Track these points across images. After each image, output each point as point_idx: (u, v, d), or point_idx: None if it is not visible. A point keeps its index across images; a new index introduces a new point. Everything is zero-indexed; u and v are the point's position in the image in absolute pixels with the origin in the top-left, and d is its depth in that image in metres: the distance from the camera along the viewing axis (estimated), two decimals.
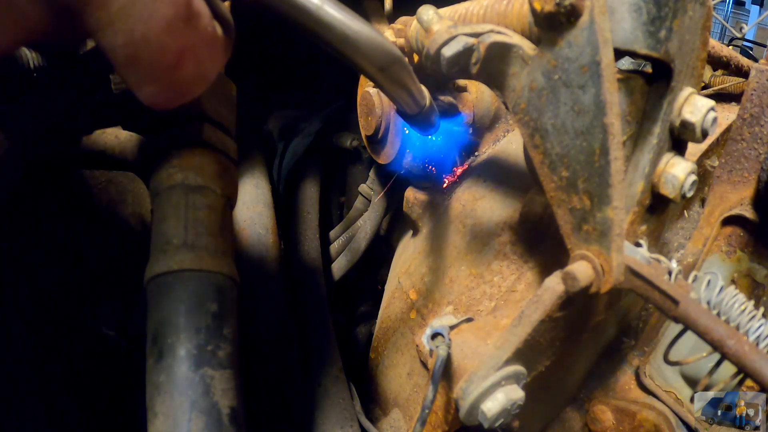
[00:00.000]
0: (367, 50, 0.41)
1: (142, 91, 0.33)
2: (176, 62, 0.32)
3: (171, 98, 0.34)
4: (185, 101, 0.34)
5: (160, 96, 0.33)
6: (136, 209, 0.76)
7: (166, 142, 0.41)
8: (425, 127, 0.55)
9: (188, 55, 0.32)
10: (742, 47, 2.78)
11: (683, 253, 0.68)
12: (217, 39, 0.35)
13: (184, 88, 0.34)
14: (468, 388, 0.47)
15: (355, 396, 0.84)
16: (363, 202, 1.03)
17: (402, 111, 0.52)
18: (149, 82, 0.32)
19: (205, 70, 0.34)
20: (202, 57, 0.33)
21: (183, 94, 0.34)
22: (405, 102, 0.49)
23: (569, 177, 0.44)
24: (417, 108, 0.51)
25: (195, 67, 0.33)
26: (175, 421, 0.32)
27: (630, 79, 0.46)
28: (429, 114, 0.53)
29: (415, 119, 0.53)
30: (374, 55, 0.41)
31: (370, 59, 0.41)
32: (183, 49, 0.32)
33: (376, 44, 0.41)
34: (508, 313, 0.59)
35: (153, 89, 0.33)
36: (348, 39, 0.39)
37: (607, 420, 0.65)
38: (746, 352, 0.40)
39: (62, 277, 0.66)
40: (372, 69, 0.43)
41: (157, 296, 0.35)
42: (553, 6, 0.39)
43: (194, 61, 0.33)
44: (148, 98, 0.33)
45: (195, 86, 0.34)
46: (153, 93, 0.33)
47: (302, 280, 0.90)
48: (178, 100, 0.34)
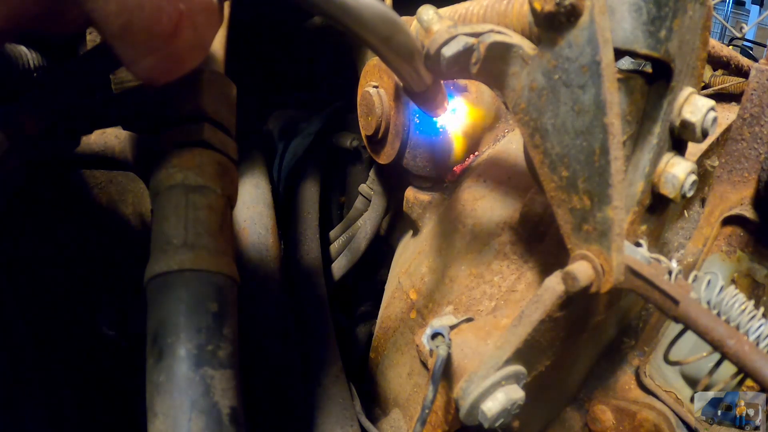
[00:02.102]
0: (369, 19, 0.39)
1: (139, 65, 0.31)
2: (173, 29, 0.30)
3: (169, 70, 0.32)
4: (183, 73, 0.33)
5: (158, 68, 0.31)
6: (136, 209, 0.76)
7: (166, 142, 0.41)
8: (434, 106, 0.52)
9: (185, 21, 0.30)
10: (742, 47, 2.79)
11: (683, 253, 0.68)
12: (212, 4, 0.33)
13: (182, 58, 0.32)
14: (468, 387, 0.47)
15: (355, 396, 0.84)
16: (363, 202, 1.03)
17: (409, 89, 0.49)
18: (146, 54, 0.30)
19: (203, 38, 0.33)
20: (199, 23, 0.32)
21: (181, 64, 0.32)
22: (411, 77, 0.47)
23: (569, 177, 0.44)
24: (424, 84, 0.48)
25: (192, 35, 0.31)
26: (175, 421, 0.32)
27: (630, 78, 0.46)
28: (436, 91, 0.50)
29: (423, 97, 0.50)
30: (377, 24, 0.39)
31: (372, 29, 0.40)
32: (180, 15, 0.30)
33: (378, 13, 0.39)
34: (509, 313, 0.59)
35: (150, 61, 0.31)
36: (349, 8, 0.38)
37: (607, 420, 0.65)
38: (746, 351, 0.40)
39: (62, 277, 0.66)
40: (375, 40, 0.41)
41: (157, 296, 0.35)
42: (553, 6, 0.39)
43: (192, 28, 0.31)
44: (146, 72, 0.31)
45: (193, 56, 0.33)
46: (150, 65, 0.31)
47: (302, 280, 0.90)
48: (176, 72, 0.32)
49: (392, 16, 0.41)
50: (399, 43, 0.42)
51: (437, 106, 0.53)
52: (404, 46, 0.43)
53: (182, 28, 0.30)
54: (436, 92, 0.51)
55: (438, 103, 0.52)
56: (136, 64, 0.31)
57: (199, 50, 0.33)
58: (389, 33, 0.41)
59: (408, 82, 0.48)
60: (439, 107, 0.53)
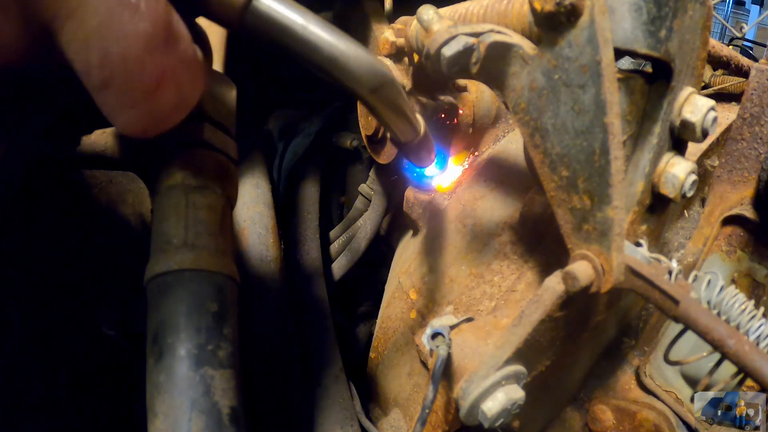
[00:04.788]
0: (356, 71, 0.38)
1: (119, 118, 0.30)
2: (156, 86, 0.30)
3: (149, 126, 0.31)
4: (163, 130, 0.32)
5: (138, 124, 0.31)
6: (136, 209, 0.76)
7: (166, 142, 0.41)
8: (421, 158, 0.52)
9: (168, 78, 0.30)
10: (742, 47, 2.79)
11: (683, 253, 0.68)
12: (198, 62, 0.32)
13: (163, 115, 0.31)
14: (468, 387, 0.47)
15: (355, 396, 0.84)
16: (363, 202, 1.03)
17: (396, 140, 0.49)
18: (126, 108, 0.30)
19: (186, 96, 0.32)
20: (183, 81, 0.31)
21: (162, 121, 0.32)
22: (399, 128, 0.46)
23: (569, 177, 0.44)
24: (412, 135, 0.48)
25: (175, 93, 0.31)
26: (175, 421, 0.32)
27: (630, 78, 0.46)
28: (425, 142, 0.50)
29: (411, 149, 0.50)
30: (365, 75, 0.39)
31: (360, 80, 0.39)
32: (163, 72, 0.29)
33: (366, 64, 0.39)
34: (509, 312, 0.59)
35: (130, 116, 0.30)
36: (337, 60, 0.37)
37: (608, 420, 0.65)
38: (746, 351, 0.40)
39: (62, 276, 0.66)
40: (363, 90, 0.40)
41: (158, 296, 0.35)
42: (554, 6, 0.39)
43: (174, 86, 0.31)
44: (125, 126, 0.31)
45: (175, 113, 0.32)
46: (130, 120, 0.30)
47: (302, 280, 0.90)
48: (156, 129, 0.32)
49: (380, 68, 0.40)
50: (387, 94, 0.42)
51: (425, 157, 0.52)
52: (392, 97, 0.43)
53: (164, 84, 0.30)
54: (425, 143, 0.50)
55: (426, 154, 0.51)
56: (116, 118, 0.30)
57: (181, 108, 0.32)
58: (377, 84, 0.40)
59: (395, 132, 0.47)
60: (427, 159, 0.52)
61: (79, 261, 0.68)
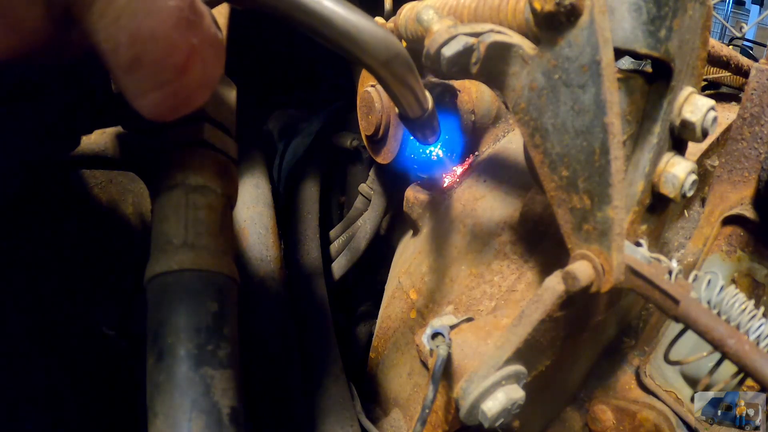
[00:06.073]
0: (369, 43, 0.40)
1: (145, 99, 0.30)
2: (184, 63, 0.30)
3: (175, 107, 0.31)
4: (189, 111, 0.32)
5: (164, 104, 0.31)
6: (136, 209, 0.76)
7: (166, 142, 0.41)
8: (427, 134, 0.53)
9: (196, 56, 0.30)
10: (742, 47, 2.79)
11: (683, 253, 0.68)
12: (220, 41, 0.33)
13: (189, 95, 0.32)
14: (468, 387, 0.47)
15: (355, 396, 0.84)
16: (363, 202, 1.03)
17: (404, 114, 0.50)
18: (154, 89, 0.30)
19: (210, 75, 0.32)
20: (208, 59, 0.31)
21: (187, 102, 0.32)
22: (408, 102, 0.48)
23: (569, 176, 0.44)
24: (419, 111, 0.49)
25: (202, 71, 0.31)
26: (175, 421, 0.32)
27: (630, 78, 0.46)
28: (431, 119, 0.51)
29: (417, 124, 0.51)
30: (377, 48, 0.40)
31: (373, 53, 0.40)
32: (192, 49, 0.30)
33: (378, 37, 0.40)
34: (509, 312, 0.59)
35: (157, 96, 0.30)
36: (349, 33, 0.38)
37: (608, 420, 0.65)
38: (747, 351, 0.40)
39: (62, 277, 0.66)
40: (375, 63, 0.41)
41: (158, 296, 0.35)
42: (553, 6, 0.39)
43: (201, 63, 0.31)
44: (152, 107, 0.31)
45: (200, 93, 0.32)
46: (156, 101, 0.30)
47: (302, 280, 0.90)
48: (182, 109, 0.32)
49: (392, 40, 0.41)
50: (398, 67, 0.43)
51: (431, 133, 0.53)
52: (403, 70, 0.44)
53: (192, 62, 0.30)
54: (431, 119, 0.51)
55: (432, 130, 0.53)
56: (142, 99, 0.30)
57: (206, 87, 0.32)
58: (389, 57, 0.41)
59: (404, 107, 0.48)
60: (432, 135, 0.54)
61: (78, 261, 0.68)
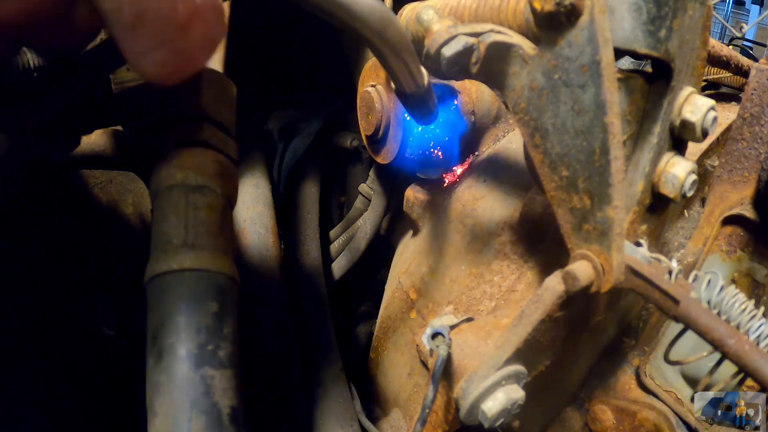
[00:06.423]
0: (363, 12, 0.39)
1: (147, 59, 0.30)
2: (186, 21, 0.30)
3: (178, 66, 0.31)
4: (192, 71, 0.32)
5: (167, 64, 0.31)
6: (136, 209, 0.76)
7: (166, 142, 0.41)
8: (423, 112, 0.53)
9: (197, 15, 0.30)
10: (742, 47, 2.79)
11: (683, 253, 0.68)
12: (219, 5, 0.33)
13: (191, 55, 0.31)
14: (468, 387, 0.46)
15: (355, 396, 0.84)
16: (363, 202, 1.03)
17: (400, 89, 0.50)
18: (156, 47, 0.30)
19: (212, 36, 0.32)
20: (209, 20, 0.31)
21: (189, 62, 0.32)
22: (404, 76, 0.47)
23: (569, 176, 0.44)
24: (415, 86, 0.49)
25: (203, 31, 0.31)
26: (175, 421, 0.32)
27: (630, 78, 0.46)
28: (427, 97, 0.51)
29: (413, 101, 0.51)
30: (371, 17, 0.40)
31: (366, 22, 0.40)
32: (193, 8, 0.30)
33: (371, 6, 0.40)
34: (509, 312, 0.59)
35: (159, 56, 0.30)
36: (342, 2, 0.38)
37: (608, 420, 0.65)
38: (747, 351, 0.40)
39: (62, 276, 0.66)
40: (370, 33, 0.41)
41: (157, 296, 0.35)
42: (553, 6, 0.39)
43: (202, 24, 0.31)
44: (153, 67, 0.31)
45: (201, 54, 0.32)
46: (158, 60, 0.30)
47: (302, 280, 0.90)
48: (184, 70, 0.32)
49: (385, 10, 0.41)
50: (393, 37, 0.43)
51: (428, 111, 0.53)
52: (398, 40, 0.44)
53: (194, 20, 0.30)
54: (427, 97, 0.51)
55: (429, 108, 0.52)
56: (144, 58, 0.30)
57: (208, 47, 0.33)
58: (383, 26, 0.41)
59: (400, 82, 0.48)
60: (429, 114, 0.53)
61: (78, 261, 0.68)
